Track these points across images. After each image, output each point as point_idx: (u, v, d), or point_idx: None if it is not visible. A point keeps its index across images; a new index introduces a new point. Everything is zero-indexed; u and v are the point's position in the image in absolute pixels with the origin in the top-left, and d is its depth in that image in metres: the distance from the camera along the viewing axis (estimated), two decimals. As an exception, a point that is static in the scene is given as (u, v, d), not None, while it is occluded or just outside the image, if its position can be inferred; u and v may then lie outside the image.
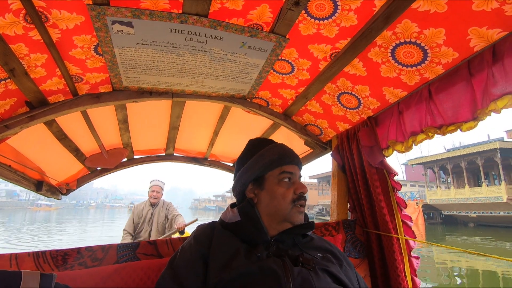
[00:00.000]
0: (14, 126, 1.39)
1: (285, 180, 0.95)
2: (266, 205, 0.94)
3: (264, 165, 0.97)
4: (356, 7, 1.03)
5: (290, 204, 0.92)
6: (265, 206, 0.94)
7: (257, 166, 0.97)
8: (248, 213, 0.93)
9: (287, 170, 0.96)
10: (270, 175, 0.96)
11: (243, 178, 1.00)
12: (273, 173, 0.96)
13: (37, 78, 1.27)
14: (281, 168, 0.96)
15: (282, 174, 0.95)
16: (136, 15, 1.05)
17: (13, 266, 1.05)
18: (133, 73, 1.44)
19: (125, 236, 3.51)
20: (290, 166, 0.97)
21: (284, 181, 0.95)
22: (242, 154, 1.07)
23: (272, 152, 0.99)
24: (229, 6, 1.06)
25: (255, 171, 0.97)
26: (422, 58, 1.16)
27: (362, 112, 1.62)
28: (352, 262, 1.00)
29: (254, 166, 0.98)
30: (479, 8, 0.91)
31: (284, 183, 0.95)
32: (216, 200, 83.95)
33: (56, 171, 2.44)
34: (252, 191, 0.98)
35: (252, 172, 0.98)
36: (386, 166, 1.53)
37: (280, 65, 1.46)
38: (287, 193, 0.93)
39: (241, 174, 1.01)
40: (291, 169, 0.97)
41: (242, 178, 1.00)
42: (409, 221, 1.55)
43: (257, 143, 1.07)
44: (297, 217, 0.93)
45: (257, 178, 0.97)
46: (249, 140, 1.11)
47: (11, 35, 1.01)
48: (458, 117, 1.09)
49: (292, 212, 0.93)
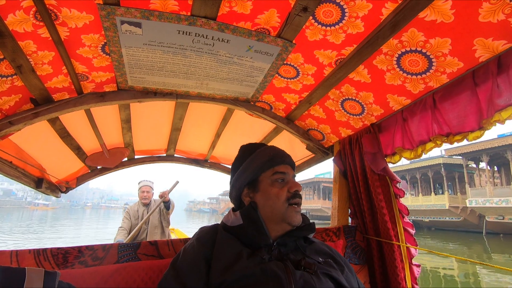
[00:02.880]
0: (18, 123, 1.39)
1: (278, 180, 0.96)
2: (262, 207, 0.95)
3: (256, 168, 0.98)
4: (363, 14, 1.04)
5: (285, 203, 0.93)
6: (261, 208, 0.95)
7: (250, 170, 0.98)
8: (251, 217, 0.93)
9: (280, 171, 0.97)
10: (264, 176, 0.97)
11: (238, 183, 1.01)
12: (266, 174, 0.97)
13: (43, 76, 1.28)
14: (274, 169, 0.97)
15: (275, 174, 0.96)
16: (145, 16, 1.06)
17: (13, 263, 1.04)
18: (138, 73, 1.44)
19: (120, 232, 3.46)
20: (282, 166, 0.98)
21: (278, 182, 0.96)
22: (235, 160, 1.09)
23: (263, 154, 1.00)
24: (238, 10, 1.07)
25: (249, 174, 0.98)
26: (427, 67, 1.17)
27: (365, 118, 1.62)
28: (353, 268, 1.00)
29: (247, 170, 0.99)
30: (485, 19, 0.92)
31: (278, 183, 0.96)
32: (211, 203, 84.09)
33: (57, 169, 2.43)
34: (247, 195, 0.99)
35: (246, 176, 0.99)
36: (388, 173, 1.54)
37: (285, 69, 1.47)
38: (280, 193, 0.93)
39: (236, 180, 1.02)
40: (283, 169, 0.98)
41: (237, 183, 1.01)
42: (411, 228, 1.55)
43: (248, 147, 1.08)
44: (294, 217, 0.93)
45: (251, 182, 0.98)
46: (241, 146, 1.12)
47: (20, 32, 1.02)
48: (464, 127, 1.10)
49: (288, 212, 0.92)
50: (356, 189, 1.74)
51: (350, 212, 1.84)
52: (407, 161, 21.80)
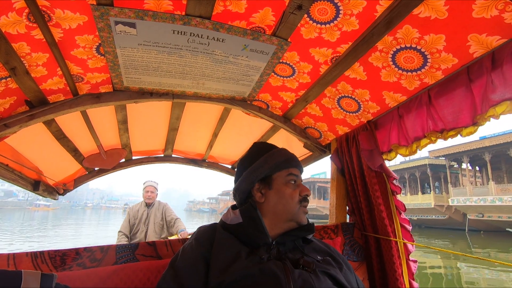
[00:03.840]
0: (14, 125, 1.38)
1: (291, 182, 1.00)
2: (274, 204, 0.97)
3: (273, 165, 1.00)
4: (358, 12, 1.04)
5: (297, 204, 0.97)
6: (273, 205, 0.97)
7: (266, 166, 1.00)
8: (251, 215, 0.93)
9: (294, 173, 1.01)
10: (278, 175, 1.00)
11: (251, 177, 1.00)
12: (281, 173, 1.00)
13: (37, 77, 1.27)
14: (288, 170, 1.01)
15: (289, 176, 1.00)
16: (140, 16, 1.06)
17: (10, 266, 1.04)
18: (134, 74, 1.44)
19: (120, 237, 3.49)
20: (295, 169, 1.03)
21: (291, 183, 1.00)
22: (247, 155, 1.09)
23: (280, 155, 1.04)
24: (232, 9, 1.07)
25: (264, 170, 1.00)
26: (422, 64, 1.17)
27: (362, 116, 1.63)
28: (351, 265, 1.01)
29: (263, 165, 1.01)
30: (479, 15, 0.92)
31: (291, 184, 1.00)
32: (210, 203, 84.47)
33: (54, 171, 2.42)
34: (259, 190, 0.99)
35: (261, 171, 1.00)
36: (385, 170, 1.54)
37: (281, 68, 1.47)
38: (294, 194, 0.97)
39: (248, 173, 1.01)
40: (296, 172, 1.02)
41: (250, 177, 1.00)
42: (408, 224, 1.56)
43: (263, 145, 1.11)
44: (303, 217, 0.98)
45: (264, 178, 1.00)
46: (254, 143, 1.15)
47: (13, 34, 1.01)
48: (458, 122, 1.11)
49: (299, 212, 0.97)
50: (353, 186, 1.74)
51: (348, 210, 1.85)
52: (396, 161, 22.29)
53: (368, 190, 1.63)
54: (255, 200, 0.98)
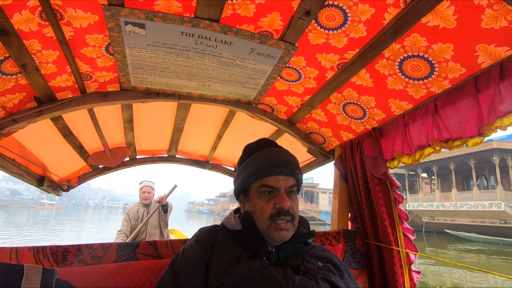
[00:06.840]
0: (22, 121, 1.40)
1: (265, 193, 0.89)
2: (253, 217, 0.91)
3: (246, 176, 0.93)
4: (366, 19, 1.04)
5: (267, 220, 0.86)
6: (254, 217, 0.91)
7: (240, 177, 0.95)
8: (247, 225, 0.91)
9: (267, 184, 0.89)
10: (253, 186, 0.92)
11: (235, 188, 0.99)
12: (255, 184, 0.91)
13: (47, 74, 1.29)
14: (261, 181, 0.90)
15: (262, 187, 0.89)
16: (149, 17, 1.07)
17: (12, 259, 1.05)
18: (141, 74, 1.45)
19: (119, 235, 3.48)
20: (271, 178, 0.89)
21: (264, 194, 0.89)
22: (239, 160, 1.05)
23: (254, 163, 0.92)
24: (241, 12, 1.08)
25: (240, 181, 0.95)
26: (429, 72, 1.17)
27: (367, 122, 1.62)
28: (352, 273, 1.00)
29: (242, 174, 0.96)
30: (488, 25, 0.92)
31: (264, 196, 0.89)
32: (209, 204, 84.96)
33: (59, 167, 2.45)
34: (242, 201, 0.97)
35: (238, 183, 0.96)
36: (389, 178, 1.53)
37: (288, 72, 1.48)
38: (266, 208, 0.87)
39: (234, 182, 1.00)
40: (273, 182, 0.89)
41: (235, 187, 0.99)
42: (411, 234, 1.54)
43: (248, 149, 1.02)
44: (277, 234, 0.86)
45: (244, 189, 0.95)
46: (247, 144, 1.06)
47: (25, 31, 1.03)
48: (464, 132, 1.10)
49: (271, 229, 0.86)
50: (356, 193, 1.73)
51: (350, 216, 1.83)
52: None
53: (371, 197, 1.61)
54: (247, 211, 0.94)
